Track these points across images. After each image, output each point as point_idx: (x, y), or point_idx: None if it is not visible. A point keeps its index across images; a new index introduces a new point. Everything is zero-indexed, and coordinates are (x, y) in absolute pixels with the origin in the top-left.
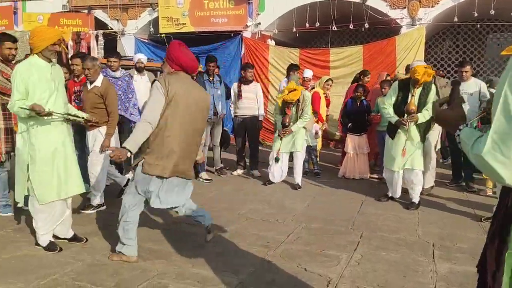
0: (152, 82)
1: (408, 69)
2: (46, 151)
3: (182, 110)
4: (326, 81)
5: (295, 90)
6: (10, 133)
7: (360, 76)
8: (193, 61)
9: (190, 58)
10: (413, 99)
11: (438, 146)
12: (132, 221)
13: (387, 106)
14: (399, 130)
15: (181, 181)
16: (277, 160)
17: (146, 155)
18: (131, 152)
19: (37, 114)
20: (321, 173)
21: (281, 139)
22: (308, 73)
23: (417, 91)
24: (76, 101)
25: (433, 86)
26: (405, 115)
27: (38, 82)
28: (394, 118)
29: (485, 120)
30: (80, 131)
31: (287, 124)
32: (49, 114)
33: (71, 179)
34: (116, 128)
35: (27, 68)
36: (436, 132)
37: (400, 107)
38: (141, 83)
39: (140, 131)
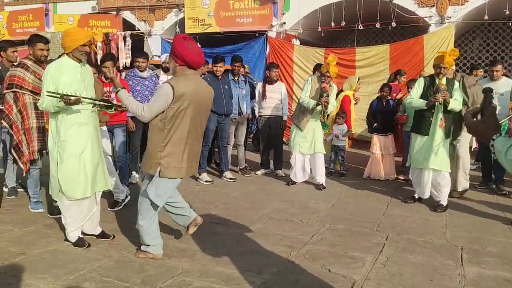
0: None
1: None
2: (75, 149)
3: (191, 110)
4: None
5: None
6: (42, 131)
7: (396, 76)
8: (198, 56)
9: (195, 52)
10: (441, 81)
11: (474, 145)
12: (154, 223)
13: (413, 96)
14: (426, 126)
15: None
16: (325, 126)
17: (161, 160)
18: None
19: (66, 103)
20: (346, 174)
21: (322, 106)
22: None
23: (443, 81)
24: None
25: (456, 82)
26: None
27: (68, 82)
28: (423, 102)
29: None
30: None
31: (327, 93)
32: (78, 100)
33: (98, 176)
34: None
35: (57, 69)
36: (468, 136)
37: (427, 97)
38: None
39: (135, 107)
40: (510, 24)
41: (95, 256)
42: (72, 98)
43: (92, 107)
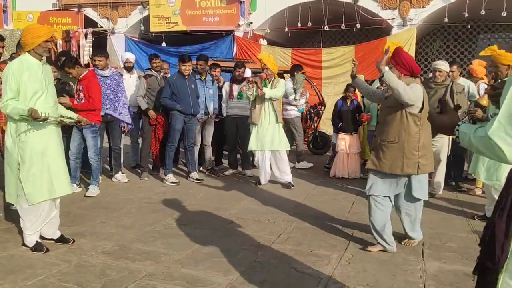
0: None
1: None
2: (36, 150)
3: (425, 114)
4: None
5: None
6: None
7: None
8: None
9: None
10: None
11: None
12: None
13: None
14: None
15: None
16: (241, 95)
17: (420, 159)
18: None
19: (34, 119)
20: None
21: (251, 82)
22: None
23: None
24: (78, 100)
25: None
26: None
27: (29, 80)
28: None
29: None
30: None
31: (259, 77)
32: (46, 119)
33: (61, 179)
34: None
35: (19, 66)
36: (446, 139)
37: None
38: (129, 81)
39: (403, 87)
40: (469, 26)
41: (54, 261)
42: (40, 117)
43: (57, 123)
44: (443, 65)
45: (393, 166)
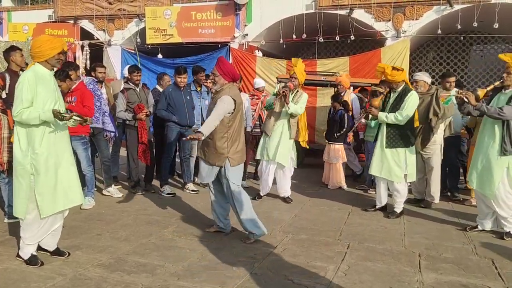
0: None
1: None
2: (51, 161)
3: (240, 113)
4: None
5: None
6: None
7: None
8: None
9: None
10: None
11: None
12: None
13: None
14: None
15: None
16: (269, 106)
17: (229, 154)
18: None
19: (60, 119)
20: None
21: (281, 94)
22: (260, 83)
23: (392, 96)
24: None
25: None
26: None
27: (44, 90)
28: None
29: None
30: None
31: (288, 88)
32: (71, 117)
33: (74, 188)
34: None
35: (34, 76)
36: (438, 146)
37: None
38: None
39: (212, 124)
40: (462, 38)
41: (49, 274)
42: (67, 116)
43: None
44: (420, 75)
45: (210, 158)
